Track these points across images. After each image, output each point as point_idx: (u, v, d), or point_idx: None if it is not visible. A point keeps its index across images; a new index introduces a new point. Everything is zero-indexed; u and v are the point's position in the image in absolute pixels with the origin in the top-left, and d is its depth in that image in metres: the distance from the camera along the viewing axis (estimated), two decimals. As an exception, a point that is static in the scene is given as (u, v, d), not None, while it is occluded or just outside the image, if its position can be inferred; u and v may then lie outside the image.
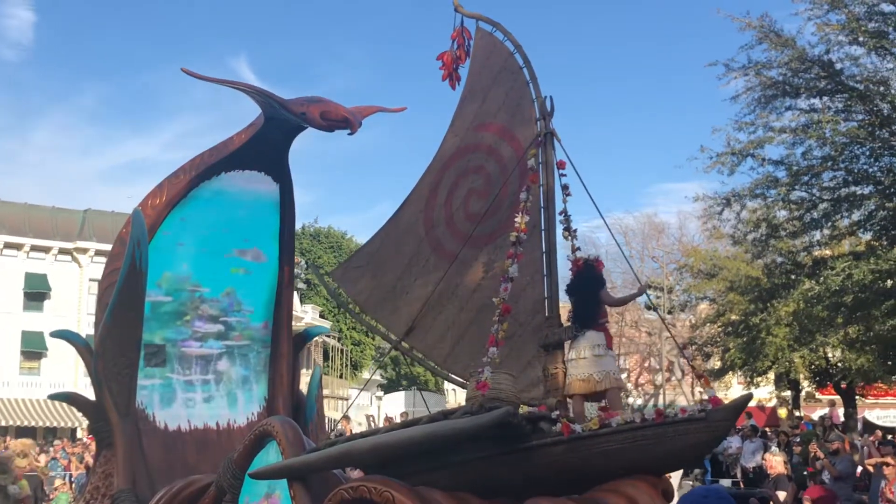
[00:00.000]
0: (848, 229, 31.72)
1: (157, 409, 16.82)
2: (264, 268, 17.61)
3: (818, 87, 28.80)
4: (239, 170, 16.88)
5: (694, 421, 10.19)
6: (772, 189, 30.52)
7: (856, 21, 27.29)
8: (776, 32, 29.18)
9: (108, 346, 15.91)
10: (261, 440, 13.75)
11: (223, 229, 17.10)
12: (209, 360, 17.36)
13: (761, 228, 32.23)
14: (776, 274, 31.73)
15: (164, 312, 16.99)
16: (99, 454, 16.60)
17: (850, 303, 29.10)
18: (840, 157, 28.78)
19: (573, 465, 10.74)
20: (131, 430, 16.04)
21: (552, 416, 11.42)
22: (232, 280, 17.42)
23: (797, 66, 28.74)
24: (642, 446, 10.34)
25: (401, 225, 15.44)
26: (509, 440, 10.99)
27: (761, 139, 30.08)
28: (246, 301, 17.62)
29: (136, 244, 15.29)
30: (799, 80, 28.63)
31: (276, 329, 17.79)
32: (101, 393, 16.16)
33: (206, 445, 16.89)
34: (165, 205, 16.50)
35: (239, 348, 17.59)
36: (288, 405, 17.33)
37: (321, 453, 12.71)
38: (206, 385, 17.32)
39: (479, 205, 14.38)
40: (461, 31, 15.16)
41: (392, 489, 11.06)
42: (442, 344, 14.46)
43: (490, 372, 11.92)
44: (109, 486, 15.88)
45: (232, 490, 13.90)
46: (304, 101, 15.37)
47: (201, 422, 17.13)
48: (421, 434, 11.53)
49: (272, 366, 17.74)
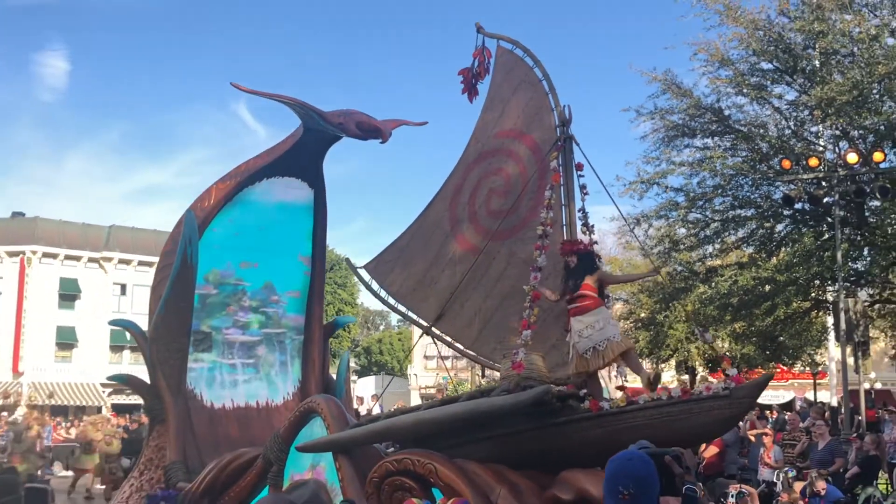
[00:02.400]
0: (734, 244, 32.77)
1: (204, 389, 15.93)
2: (298, 264, 16.61)
3: (710, 129, 29.70)
4: (279, 176, 16.03)
5: (718, 398, 9.38)
6: (673, 211, 31.30)
7: (741, 76, 28.23)
8: (677, 84, 29.90)
9: (161, 332, 15.10)
10: (305, 416, 12.87)
11: (264, 229, 16.21)
12: (250, 346, 16.49)
13: (665, 243, 33.04)
14: (677, 280, 32.31)
15: (211, 303, 16.14)
16: (152, 430, 15.66)
17: (736, 304, 29.89)
18: (728, 186, 29.63)
19: (601, 440, 9.69)
20: (182, 408, 15.21)
21: (580, 394, 10.61)
22: (270, 275, 16.39)
23: (694, 112, 29.45)
24: (669, 422, 9.47)
25: (428, 222, 14.55)
26: (541, 416, 10.11)
27: (665, 171, 30.85)
28: (282, 294, 16.74)
29: (188, 241, 14.50)
30: (695, 123, 29.49)
31: (308, 318, 16.92)
32: (154, 375, 15.34)
33: (247, 422, 16.02)
34: (213, 206, 15.60)
35: (276, 335, 16.73)
36: (319, 386, 16.48)
37: (366, 428, 11.82)
38: (247, 368, 16.45)
39: (500, 203, 13.53)
40: (482, 50, 14.25)
41: (434, 461, 10.28)
42: (469, 329, 13.56)
43: (524, 353, 11.01)
44: (162, 458, 15.02)
45: (278, 462, 13.01)
46: (340, 114, 14.57)
47: (243, 401, 16.23)
48: (463, 410, 10.62)
49: (305, 351, 16.90)
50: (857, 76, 24.99)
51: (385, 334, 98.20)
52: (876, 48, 25.54)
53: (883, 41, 25.90)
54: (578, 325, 11.22)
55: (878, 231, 27.27)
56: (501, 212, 13.33)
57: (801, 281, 27.92)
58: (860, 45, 25.87)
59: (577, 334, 11.19)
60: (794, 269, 27.71)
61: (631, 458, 5.02)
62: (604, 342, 11.08)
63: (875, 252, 27.74)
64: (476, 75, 14.23)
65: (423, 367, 75.73)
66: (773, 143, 28.12)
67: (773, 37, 27.52)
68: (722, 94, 29.17)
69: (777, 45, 27.52)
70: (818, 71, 26.66)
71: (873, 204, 26.96)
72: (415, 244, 14.50)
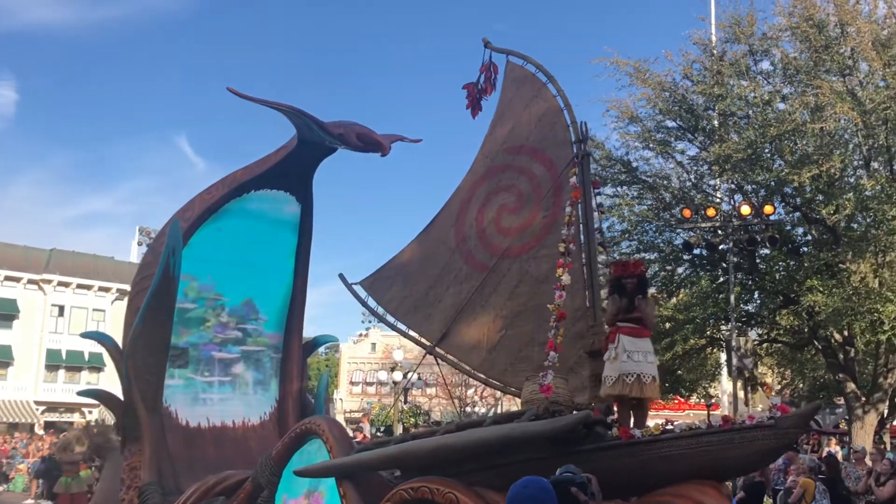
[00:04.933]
0: (639, 285, 30.69)
1: (179, 406, 12.93)
2: (280, 281, 13.58)
3: (620, 179, 27.52)
4: (268, 189, 13.10)
5: (763, 428, 7.43)
6: (585, 253, 29.00)
7: (648, 132, 26.42)
8: (591, 138, 27.34)
9: (138, 346, 12.05)
10: (302, 438, 10.20)
11: (247, 243, 13.28)
12: (227, 364, 13.52)
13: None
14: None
15: (189, 318, 13.16)
16: (125, 448, 12.49)
17: (640, 339, 27.73)
18: (634, 231, 27.47)
19: (632, 469, 7.75)
20: (158, 426, 12.18)
21: (608, 420, 8.50)
22: (250, 291, 13.35)
23: (605, 163, 27.35)
24: (707, 452, 7.51)
25: (431, 238, 11.91)
26: (565, 443, 7.91)
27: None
28: (262, 310, 13.75)
29: (171, 252, 11.58)
30: (606, 173, 27.18)
31: (287, 337, 13.87)
32: (130, 390, 12.26)
33: (223, 442, 13.04)
34: (196, 218, 12.53)
35: (254, 353, 13.73)
36: (297, 406, 13.59)
37: (376, 453, 9.32)
38: (224, 386, 13.43)
39: (511, 220, 11.06)
40: (489, 65, 11.68)
41: (455, 490, 8.03)
42: (477, 349, 10.91)
43: (553, 376, 8.85)
44: (135, 478, 11.99)
45: (270, 486, 10.34)
46: (340, 125, 11.92)
47: (219, 420, 13.22)
48: (495, 436, 8.27)
49: (283, 370, 13.85)
50: (752, 136, 23.55)
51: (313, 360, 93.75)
52: (768, 112, 24.30)
53: (775, 106, 24.70)
54: (632, 346, 8.70)
55: (768, 277, 25.88)
56: (513, 229, 10.83)
57: (698, 320, 26.12)
58: (755, 109, 24.68)
59: (626, 354, 8.62)
60: (692, 309, 26.20)
61: (526, 486, 4.48)
62: (649, 376, 8.66)
63: (764, 296, 26.48)
64: (482, 91, 11.65)
65: (349, 392, 70.78)
66: (675, 194, 26.51)
67: (677, 98, 25.90)
68: (631, 147, 27.26)
69: (681, 106, 25.91)
70: (717, 130, 25.17)
71: (763, 252, 25.51)
72: (417, 260, 11.79)
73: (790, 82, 24.75)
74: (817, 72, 23.24)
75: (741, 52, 25.06)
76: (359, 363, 71.17)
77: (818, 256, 23.21)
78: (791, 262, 25.14)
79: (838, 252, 22.94)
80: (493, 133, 11.58)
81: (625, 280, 8.84)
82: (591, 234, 10.00)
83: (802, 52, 24.06)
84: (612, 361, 8.60)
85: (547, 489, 4.48)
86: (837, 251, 22.98)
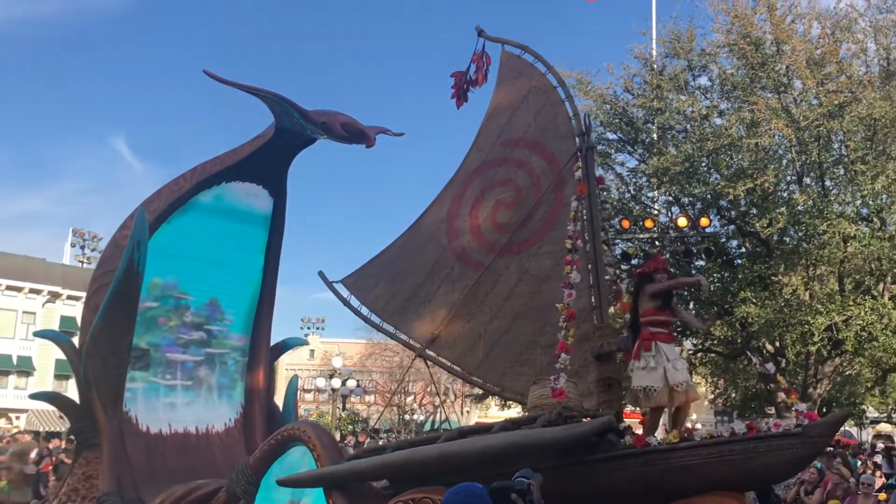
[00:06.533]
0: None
1: (139, 411, 11.30)
2: (248, 280, 12.09)
3: None
4: (240, 181, 11.60)
5: (790, 436, 6.68)
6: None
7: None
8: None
9: (98, 345, 10.43)
10: (283, 445, 8.82)
11: (214, 239, 11.80)
12: (191, 367, 11.87)
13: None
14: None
15: (151, 318, 11.54)
16: (79, 455, 10.87)
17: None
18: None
19: (649, 479, 6.96)
20: (117, 432, 10.60)
21: (620, 428, 7.56)
22: (216, 290, 11.84)
23: None
24: (730, 462, 6.73)
25: (420, 234, 10.59)
26: (575, 451, 7.02)
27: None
28: (228, 311, 12.22)
29: (136, 245, 10.09)
30: None
31: (254, 339, 12.37)
32: (88, 393, 10.63)
33: (185, 449, 11.49)
34: (162, 211, 11.01)
35: (219, 356, 12.17)
36: (264, 412, 12.09)
37: (372, 461, 8.13)
38: (187, 390, 11.86)
39: (508, 215, 9.87)
40: (482, 55, 10.43)
41: None
42: (473, 352, 9.64)
43: (564, 380, 7.71)
44: (90, 487, 10.44)
45: (246, 497, 9.10)
46: (324, 113, 10.62)
47: (181, 426, 11.63)
48: (506, 443, 7.22)
49: (249, 374, 12.33)
50: (689, 150, 22.83)
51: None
52: (706, 126, 23.58)
53: (712, 120, 23.99)
54: (672, 354, 7.76)
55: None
56: (510, 225, 9.67)
57: (636, 329, 25.24)
58: (692, 123, 23.87)
59: (671, 363, 7.58)
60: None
61: (458, 492, 4.23)
62: (684, 383, 7.74)
63: (699, 306, 25.37)
64: (471, 81, 10.42)
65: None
66: (614, 205, 25.29)
67: (618, 111, 25.03)
68: (571, 158, 26.27)
69: (621, 119, 25.06)
70: (656, 143, 24.41)
71: (699, 263, 24.37)
72: (404, 258, 10.43)
73: (727, 98, 24.14)
74: (753, 88, 22.67)
75: (680, 67, 24.29)
76: (296, 369, 69.12)
77: (752, 269, 22.51)
78: (725, 273, 24.35)
79: (771, 265, 22.36)
80: (487, 126, 10.29)
81: (657, 275, 7.78)
82: (596, 230, 8.88)
83: (739, 68, 23.45)
84: (651, 371, 7.58)
85: (481, 496, 4.24)
86: (770, 264, 22.37)
